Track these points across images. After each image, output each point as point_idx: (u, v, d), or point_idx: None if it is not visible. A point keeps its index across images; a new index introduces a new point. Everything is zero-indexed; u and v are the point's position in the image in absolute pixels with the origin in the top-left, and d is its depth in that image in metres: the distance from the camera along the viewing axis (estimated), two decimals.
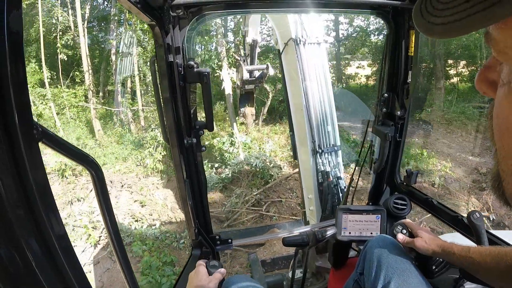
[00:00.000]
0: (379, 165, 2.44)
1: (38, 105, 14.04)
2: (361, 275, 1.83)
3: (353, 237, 2.11)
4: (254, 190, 9.90)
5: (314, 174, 3.89)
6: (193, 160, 2.19)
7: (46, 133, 0.75)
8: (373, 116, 2.51)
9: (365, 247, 1.84)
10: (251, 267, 5.17)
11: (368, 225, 2.10)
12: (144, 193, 10.41)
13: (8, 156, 0.60)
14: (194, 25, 1.96)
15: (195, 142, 2.13)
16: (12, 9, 0.58)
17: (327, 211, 3.73)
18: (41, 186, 0.67)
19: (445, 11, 0.40)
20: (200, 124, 2.11)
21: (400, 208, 2.15)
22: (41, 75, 14.73)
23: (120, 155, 12.49)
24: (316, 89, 3.84)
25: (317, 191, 3.89)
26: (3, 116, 0.59)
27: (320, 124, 3.87)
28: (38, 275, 0.65)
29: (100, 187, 1.09)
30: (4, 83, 0.58)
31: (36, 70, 14.98)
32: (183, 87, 1.95)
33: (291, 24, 3.85)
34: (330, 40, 19.79)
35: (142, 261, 7.43)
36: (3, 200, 0.58)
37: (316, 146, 3.83)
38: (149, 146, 12.30)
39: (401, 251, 1.73)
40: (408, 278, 1.58)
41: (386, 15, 2.19)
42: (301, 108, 3.88)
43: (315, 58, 3.87)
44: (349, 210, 2.11)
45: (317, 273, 3.32)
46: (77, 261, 0.78)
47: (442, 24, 0.40)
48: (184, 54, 1.92)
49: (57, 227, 0.71)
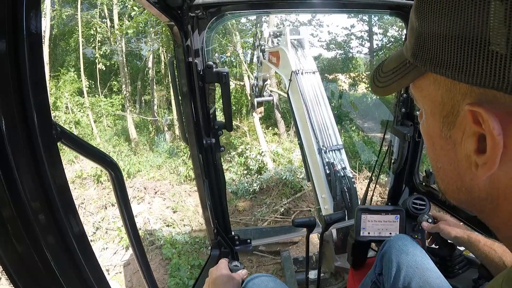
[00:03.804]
0: (398, 166, 2.40)
1: (76, 113, 14.56)
2: (380, 275, 1.80)
3: (372, 237, 2.08)
4: (283, 200, 9.87)
5: (322, 169, 4.36)
6: (212, 160, 2.19)
7: (65, 133, 0.75)
8: (392, 116, 2.48)
9: (383, 248, 1.81)
10: (283, 264, 5.21)
11: (387, 225, 2.06)
12: (176, 200, 10.51)
13: (27, 155, 0.61)
14: (213, 25, 1.98)
15: (214, 142, 2.13)
16: (31, 9, 0.59)
17: (337, 197, 4.09)
18: (60, 186, 0.68)
19: (383, 78, 0.63)
20: (219, 124, 2.12)
21: (419, 208, 2.10)
22: (79, 84, 15.18)
23: (154, 162, 12.66)
24: (316, 104, 4.82)
25: (327, 185, 4.25)
26: (22, 116, 0.59)
27: (321, 128, 4.63)
28: (56, 272, 0.66)
29: (119, 188, 1.08)
30: (23, 83, 0.59)
31: (75, 79, 15.43)
32: (202, 87, 1.95)
33: (291, 61, 5.22)
34: None
35: (171, 264, 7.53)
36: (22, 199, 0.59)
37: (320, 145, 4.46)
38: (183, 154, 12.46)
39: (421, 250, 1.70)
40: (429, 278, 1.55)
41: (405, 15, 2.15)
42: (305, 121, 4.69)
43: (312, 82, 5.03)
44: (368, 210, 2.09)
45: (336, 273, 3.28)
46: (95, 259, 0.79)
47: (381, 87, 0.63)
48: (203, 54, 1.92)
49: (75, 225, 0.72)
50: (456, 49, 0.43)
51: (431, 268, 1.60)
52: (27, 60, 0.59)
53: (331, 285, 3.14)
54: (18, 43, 0.58)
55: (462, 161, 0.50)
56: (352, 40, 20.16)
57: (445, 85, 0.49)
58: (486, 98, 0.43)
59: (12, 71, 0.57)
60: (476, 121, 0.45)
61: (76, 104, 14.88)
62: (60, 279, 0.67)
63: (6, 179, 0.57)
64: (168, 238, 8.54)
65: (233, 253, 2.41)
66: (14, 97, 0.58)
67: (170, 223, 9.50)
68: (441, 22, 0.45)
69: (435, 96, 0.52)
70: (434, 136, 0.56)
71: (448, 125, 0.51)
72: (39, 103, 0.62)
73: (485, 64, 0.40)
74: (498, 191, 0.48)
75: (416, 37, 0.52)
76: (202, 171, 2.14)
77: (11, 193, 0.58)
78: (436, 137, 0.55)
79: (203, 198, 2.22)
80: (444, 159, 0.55)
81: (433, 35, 0.47)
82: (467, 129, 0.47)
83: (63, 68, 15.71)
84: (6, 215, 0.58)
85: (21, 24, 0.57)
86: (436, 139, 0.55)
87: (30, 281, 0.63)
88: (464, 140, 0.49)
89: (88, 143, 0.94)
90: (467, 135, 0.47)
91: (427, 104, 0.55)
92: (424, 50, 0.50)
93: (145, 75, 17.10)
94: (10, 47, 0.56)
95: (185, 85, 1.90)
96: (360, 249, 2.22)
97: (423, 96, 0.55)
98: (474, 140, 0.47)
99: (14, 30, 0.57)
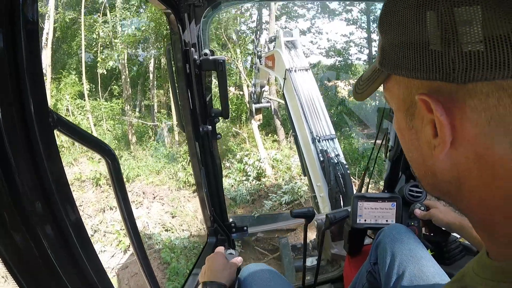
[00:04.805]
0: (395, 153, 2.40)
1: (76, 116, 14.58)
2: (375, 265, 1.80)
3: (369, 224, 2.07)
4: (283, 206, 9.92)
5: (316, 156, 4.53)
6: (209, 147, 2.20)
7: (62, 121, 0.74)
8: None
9: (378, 237, 1.81)
10: (281, 251, 5.29)
11: (384, 212, 2.06)
12: (175, 205, 10.53)
13: (23, 144, 0.61)
14: (210, 13, 2.00)
15: (210, 130, 2.14)
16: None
17: (332, 182, 4.22)
18: (57, 174, 0.68)
19: (361, 86, 0.69)
20: (215, 112, 2.13)
21: (416, 195, 2.10)
22: (80, 87, 15.21)
23: (153, 167, 12.68)
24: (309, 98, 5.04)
25: (321, 171, 4.41)
26: (19, 104, 0.59)
27: (314, 119, 4.84)
28: (54, 263, 0.66)
29: (116, 177, 1.06)
30: (20, 71, 0.59)
31: (76, 82, 15.44)
32: (198, 75, 1.96)
33: (285, 60, 5.52)
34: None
35: (170, 267, 7.54)
36: (18, 188, 0.59)
37: (314, 135, 4.66)
38: (182, 160, 12.46)
39: (415, 239, 1.69)
40: (423, 266, 1.53)
41: None
42: (299, 114, 4.91)
43: (305, 78, 5.32)
44: (364, 197, 2.08)
45: (333, 261, 3.27)
46: (93, 250, 0.79)
47: (359, 93, 0.70)
48: (199, 42, 1.92)
49: (73, 215, 0.72)
50: (408, 53, 0.52)
51: (425, 256, 1.59)
52: (24, 48, 0.59)
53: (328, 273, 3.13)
54: (15, 31, 0.58)
55: (424, 147, 0.57)
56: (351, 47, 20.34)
57: (404, 83, 0.57)
58: (433, 89, 0.51)
59: (9, 60, 0.58)
60: (429, 109, 0.52)
61: (77, 106, 14.92)
62: (58, 268, 0.67)
63: (2, 167, 0.57)
64: (167, 242, 8.54)
65: (230, 240, 2.41)
66: (10, 85, 0.58)
67: (169, 228, 9.50)
68: (395, 34, 0.54)
69: (398, 94, 0.60)
70: (402, 129, 0.63)
71: (410, 116, 0.58)
72: (36, 90, 0.62)
73: (427, 61, 0.49)
74: (458, 172, 0.54)
75: (381, 48, 0.60)
76: (198, 159, 2.15)
77: (8, 181, 0.58)
78: (404, 130, 0.62)
79: (200, 185, 2.22)
80: (412, 147, 0.62)
81: (391, 44, 0.56)
82: (425, 118, 0.54)
83: (65, 71, 15.74)
84: (3, 204, 0.58)
85: (18, 13, 0.58)
86: (404, 131, 0.62)
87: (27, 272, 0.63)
88: (423, 127, 0.55)
89: (85, 130, 0.93)
90: (425, 123, 0.54)
91: (394, 101, 0.62)
92: (387, 57, 0.58)
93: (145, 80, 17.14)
94: (7, 36, 0.57)
95: (182, 73, 1.90)
96: (356, 236, 2.21)
97: (391, 96, 0.63)
98: (431, 126, 0.53)
99: (11, 19, 0.57)
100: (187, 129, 2.07)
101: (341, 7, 19.57)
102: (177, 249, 8.24)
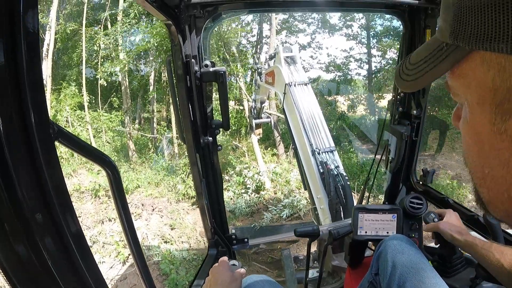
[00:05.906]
0: (395, 165, 2.41)
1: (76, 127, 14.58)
2: (376, 275, 1.79)
3: (370, 236, 2.07)
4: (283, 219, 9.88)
5: (316, 168, 4.48)
6: (210, 159, 2.20)
7: (62, 132, 0.75)
8: (389, 115, 2.49)
9: (379, 248, 1.80)
10: (283, 263, 5.24)
11: (384, 224, 2.05)
12: (174, 217, 10.48)
13: (24, 154, 0.61)
14: (210, 24, 2.00)
15: (211, 141, 2.14)
16: (28, 8, 0.59)
17: (332, 193, 4.20)
18: (57, 185, 0.68)
19: (411, 71, 0.55)
20: (216, 123, 2.12)
21: (416, 207, 2.09)
22: (80, 99, 15.16)
23: (153, 180, 12.61)
24: (308, 111, 5.00)
25: (321, 183, 4.39)
26: (19, 115, 0.59)
27: (314, 132, 4.80)
28: (54, 273, 0.65)
29: (117, 188, 1.07)
30: (21, 82, 0.59)
31: (76, 93, 15.41)
32: (199, 86, 1.97)
33: (284, 74, 5.52)
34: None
35: (169, 279, 7.49)
36: (19, 198, 0.59)
37: (314, 148, 4.60)
38: (182, 172, 12.41)
39: (416, 250, 1.68)
40: (424, 277, 1.52)
41: (402, 14, 2.19)
42: (299, 127, 4.86)
43: (304, 92, 5.29)
44: (365, 209, 2.08)
45: (333, 272, 3.26)
46: (93, 260, 0.78)
47: (410, 81, 0.55)
48: (200, 53, 1.93)
49: (73, 225, 0.71)
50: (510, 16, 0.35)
51: (426, 267, 1.58)
52: (25, 59, 0.59)
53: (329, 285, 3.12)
54: (16, 42, 0.58)
55: None
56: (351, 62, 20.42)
57: (498, 63, 0.39)
58: None
59: (10, 71, 0.58)
60: None
61: (76, 118, 14.93)
62: (58, 279, 0.66)
63: (3, 177, 0.57)
64: (166, 254, 8.49)
65: (231, 252, 2.40)
66: (12, 96, 0.58)
67: (168, 240, 9.44)
68: None
69: (483, 80, 0.42)
70: (482, 133, 0.45)
71: (503, 115, 0.41)
72: (36, 102, 0.62)
73: None
74: None
75: (455, 13, 0.43)
76: (199, 170, 2.14)
77: (8, 192, 0.57)
78: (485, 134, 0.44)
79: (200, 196, 2.22)
80: (495, 162, 0.44)
81: (478, 4, 0.39)
82: None
83: (65, 82, 15.77)
84: (4, 214, 0.58)
85: (19, 24, 0.58)
86: (485, 137, 0.45)
87: (28, 281, 0.63)
88: None
89: (85, 142, 0.94)
90: None
91: (473, 93, 0.45)
92: (468, 25, 0.41)
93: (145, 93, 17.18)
94: (8, 46, 0.57)
95: (182, 84, 1.91)
96: (357, 248, 2.20)
97: (466, 85, 0.46)
98: None
99: (12, 30, 0.57)
100: (188, 140, 2.06)
101: (341, 22, 19.74)
102: (176, 260, 8.19)
